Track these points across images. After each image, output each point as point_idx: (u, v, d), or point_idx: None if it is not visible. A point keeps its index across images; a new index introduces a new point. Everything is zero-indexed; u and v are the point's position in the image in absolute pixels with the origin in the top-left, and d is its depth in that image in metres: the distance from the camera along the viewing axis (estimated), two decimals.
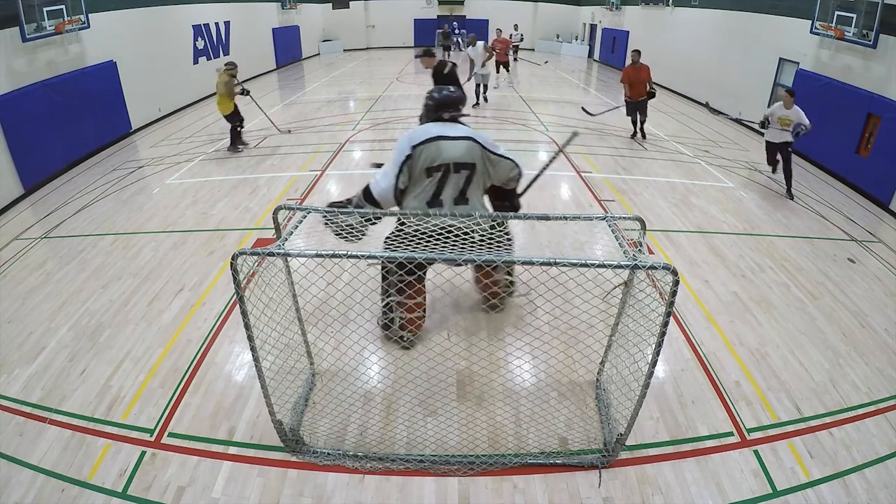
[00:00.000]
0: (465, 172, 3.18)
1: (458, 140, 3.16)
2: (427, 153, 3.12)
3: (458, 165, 3.16)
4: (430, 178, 3.15)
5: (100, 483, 2.64)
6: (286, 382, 2.79)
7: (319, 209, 2.66)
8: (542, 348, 3.18)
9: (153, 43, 9.96)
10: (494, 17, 22.11)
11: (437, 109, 3.30)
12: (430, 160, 3.12)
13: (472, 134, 3.24)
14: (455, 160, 3.14)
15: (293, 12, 17.72)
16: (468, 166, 3.18)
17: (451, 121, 3.30)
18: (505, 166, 3.30)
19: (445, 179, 3.17)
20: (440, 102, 3.30)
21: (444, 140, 3.14)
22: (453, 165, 3.15)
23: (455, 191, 3.20)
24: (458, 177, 3.18)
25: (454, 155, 3.14)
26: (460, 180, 3.19)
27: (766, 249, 5.17)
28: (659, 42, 14.69)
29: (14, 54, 6.64)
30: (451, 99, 3.31)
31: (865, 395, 3.33)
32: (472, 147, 3.18)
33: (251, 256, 2.17)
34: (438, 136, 3.14)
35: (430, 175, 3.15)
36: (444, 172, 3.15)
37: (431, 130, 3.18)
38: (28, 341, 3.75)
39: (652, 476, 2.71)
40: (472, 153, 3.18)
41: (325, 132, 8.75)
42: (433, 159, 3.12)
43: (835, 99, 7.67)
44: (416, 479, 2.66)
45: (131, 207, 6.09)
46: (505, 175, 3.33)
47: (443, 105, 3.30)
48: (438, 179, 3.16)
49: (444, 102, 3.30)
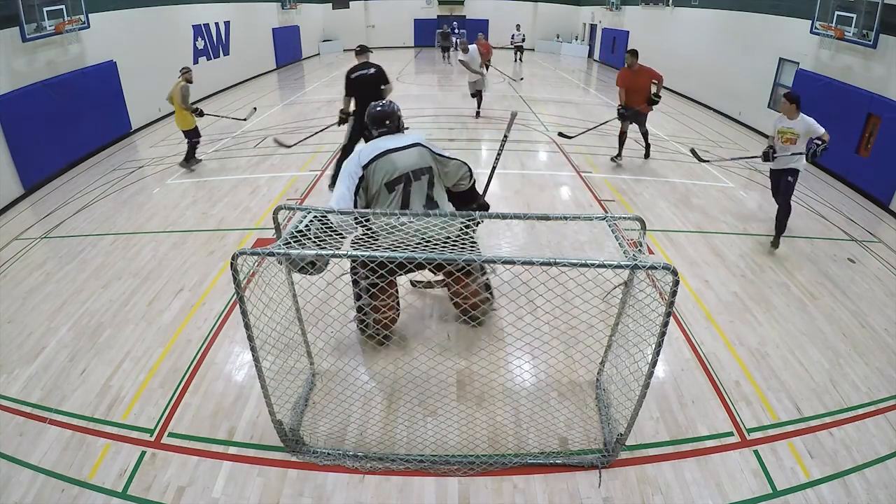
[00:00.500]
0: (425, 178, 3.21)
1: (408, 148, 3.18)
2: (381, 169, 3.10)
3: (417, 172, 3.18)
4: (392, 192, 3.13)
5: (100, 483, 2.64)
6: (286, 382, 2.79)
7: (320, 209, 2.66)
8: (542, 348, 3.19)
9: (153, 43, 9.96)
10: (494, 17, 22.15)
11: (374, 125, 3.32)
12: (387, 175, 3.10)
13: (418, 139, 3.28)
14: (411, 168, 3.16)
15: (293, 12, 17.73)
16: (425, 170, 3.21)
17: (395, 131, 3.32)
18: (453, 166, 3.35)
19: (409, 189, 3.16)
20: (373, 118, 3.32)
21: (394, 152, 3.14)
22: (412, 174, 3.16)
23: (422, 197, 3.22)
24: (420, 183, 3.20)
25: (408, 164, 3.15)
26: (423, 186, 3.21)
27: (766, 249, 5.17)
28: (659, 42, 14.69)
29: (14, 54, 6.64)
30: (384, 112, 3.31)
31: (865, 395, 3.33)
32: (422, 152, 3.23)
33: (251, 256, 2.17)
34: (387, 150, 3.14)
35: (392, 189, 3.13)
36: (405, 183, 3.15)
37: (379, 146, 3.18)
38: (28, 341, 3.75)
39: (652, 476, 2.71)
40: (424, 157, 3.23)
41: (325, 132, 8.75)
42: (390, 173, 3.10)
43: (835, 99, 7.67)
44: (416, 479, 2.66)
45: (131, 207, 6.09)
46: (455, 175, 3.38)
47: (376, 120, 3.31)
48: (402, 191, 3.15)
49: (377, 117, 3.31)
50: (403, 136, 3.31)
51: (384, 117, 3.31)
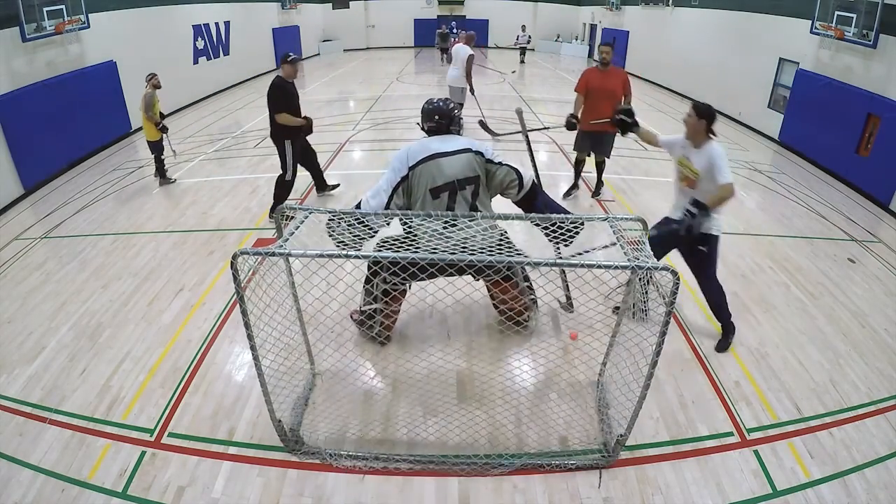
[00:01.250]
0: (470, 187, 3.09)
1: (457, 154, 3.05)
2: (426, 173, 3.01)
3: (463, 182, 3.06)
4: (437, 198, 3.05)
5: (100, 483, 2.64)
6: (286, 382, 2.79)
7: (320, 210, 2.66)
8: (542, 346, 3.19)
9: (153, 43, 9.96)
10: (494, 17, 22.16)
11: (424, 119, 3.19)
12: (431, 181, 3.01)
13: (471, 144, 3.14)
14: (458, 177, 3.04)
15: (293, 12, 17.73)
16: (472, 180, 3.09)
17: (445, 131, 3.17)
18: (501, 173, 3.16)
19: (454, 198, 3.07)
20: (425, 112, 3.18)
21: (443, 157, 3.03)
22: (458, 182, 3.05)
23: (466, 207, 3.10)
24: (465, 193, 3.09)
25: (455, 172, 3.03)
26: (467, 196, 3.10)
27: (766, 249, 5.17)
28: (659, 42, 14.70)
29: (14, 54, 6.64)
30: (437, 109, 3.16)
31: (865, 395, 3.33)
32: (471, 159, 3.07)
33: (251, 256, 2.17)
34: (436, 154, 3.03)
35: (436, 196, 3.05)
36: (450, 192, 3.05)
37: (429, 147, 3.06)
38: (28, 341, 3.75)
39: (652, 476, 2.71)
40: (472, 165, 3.08)
41: (325, 132, 8.75)
42: (434, 179, 3.01)
43: (835, 99, 7.68)
44: (416, 479, 2.66)
45: (131, 207, 6.09)
46: (501, 184, 3.20)
47: (427, 115, 3.17)
48: (447, 199, 3.06)
49: (428, 112, 3.17)
50: (455, 139, 3.14)
51: (435, 113, 3.14)
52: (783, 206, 6.40)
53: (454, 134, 3.20)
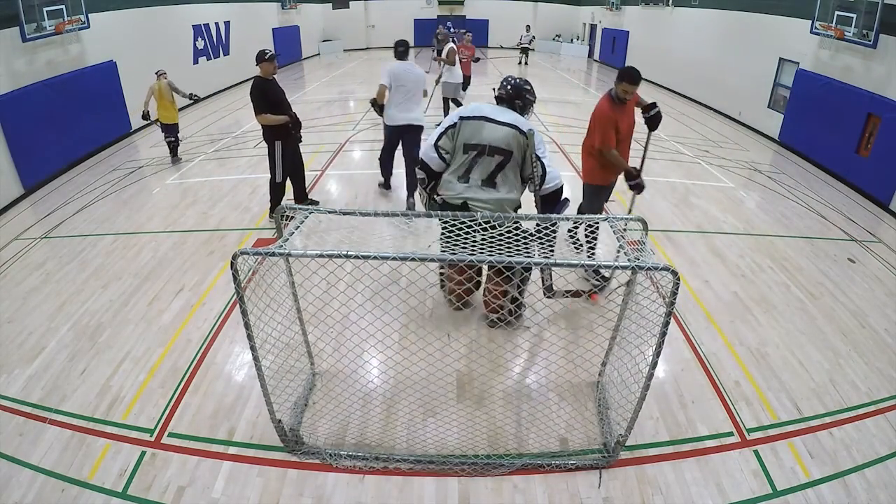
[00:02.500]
0: (498, 158, 3.25)
1: (502, 126, 3.23)
2: (469, 129, 3.27)
3: (493, 149, 3.24)
4: (465, 154, 3.29)
5: (100, 483, 2.64)
6: (286, 382, 2.79)
7: (320, 210, 2.66)
8: (542, 346, 3.18)
9: (153, 43, 9.96)
10: (494, 17, 22.15)
11: (501, 86, 3.43)
12: (469, 136, 3.26)
13: (523, 125, 3.26)
14: (491, 143, 3.24)
15: (293, 12, 17.72)
16: (503, 153, 3.24)
17: (509, 103, 3.38)
18: (531, 162, 3.26)
19: (477, 160, 3.28)
20: (505, 82, 3.43)
21: (489, 122, 3.25)
22: (488, 148, 3.24)
23: (484, 173, 3.29)
24: (491, 160, 3.26)
25: (491, 138, 3.23)
26: (491, 164, 3.27)
27: (766, 249, 5.17)
28: (659, 42, 14.70)
29: (14, 54, 6.64)
30: (517, 85, 3.40)
31: (865, 395, 3.33)
32: (513, 136, 3.23)
33: (251, 256, 2.17)
34: (484, 117, 3.26)
35: (465, 152, 3.29)
36: (478, 153, 3.26)
37: (483, 109, 3.31)
38: (28, 341, 3.75)
39: (652, 476, 2.71)
40: (511, 142, 3.23)
41: (325, 132, 8.75)
42: (471, 136, 3.26)
43: (835, 99, 7.68)
44: (416, 479, 2.66)
45: (131, 207, 6.09)
46: (527, 170, 3.31)
47: (505, 85, 3.42)
48: (472, 158, 3.28)
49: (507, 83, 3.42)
50: (510, 113, 3.32)
51: (509, 84, 3.40)
52: (783, 206, 6.40)
53: (515, 111, 3.37)
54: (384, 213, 2.70)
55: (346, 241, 4.12)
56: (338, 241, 3.08)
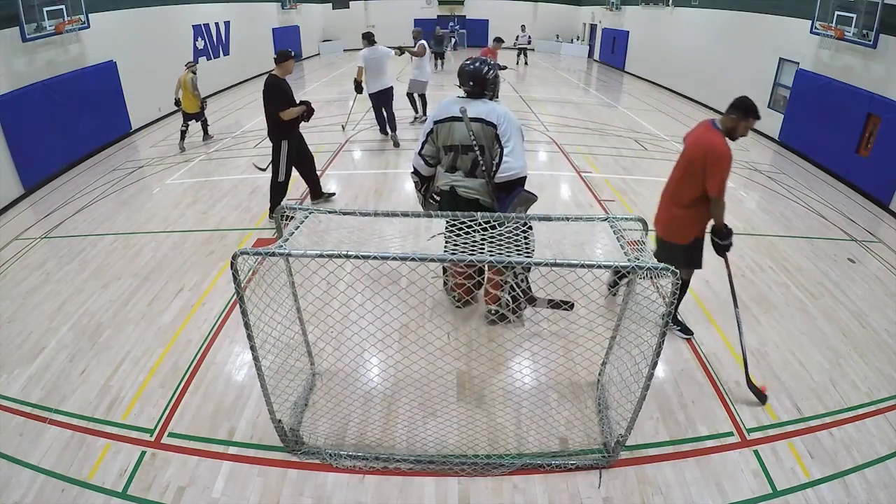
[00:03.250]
0: (472, 154, 3.34)
1: (472, 122, 3.29)
2: (442, 132, 3.40)
3: (465, 148, 3.35)
4: (447, 154, 3.47)
5: (100, 483, 2.64)
6: (286, 382, 2.79)
7: (321, 210, 2.66)
8: (542, 345, 3.18)
9: (153, 43, 9.96)
10: (494, 17, 22.15)
11: (460, 80, 3.45)
12: (444, 139, 3.41)
13: (489, 114, 3.28)
14: (462, 143, 3.34)
15: (293, 12, 17.73)
16: (474, 148, 3.31)
17: (478, 95, 3.39)
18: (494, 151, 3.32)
19: (458, 157, 3.43)
20: (459, 73, 3.44)
21: (456, 122, 3.34)
22: (461, 147, 3.37)
23: (465, 167, 3.42)
24: (466, 157, 3.39)
25: (461, 138, 3.34)
26: (468, 160, 3.39)
27: (766, 249, 5.17)
28: (659, 42, 14.71)
29: (14, 54, 6.64)
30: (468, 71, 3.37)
31: (865, 395, 3.33)
32: (481, 129, 3.29)
33: (251, 256, 2.17)
34: (452, 117, 3.35)
35: (446, 153, 3.47)
36: (454, 153, 3.42)
37: (451, 109, 3.37)
38: (28, 341, 3.75)
39: (652, 476, 2.71)
40: (480, 135, 3.30)
41: (325, 132, 8.75)
42: (446, 139, 3.40)
43: (835, 99, 7.68)
44: (416, 479, 2.66)
45: (131, 207, 6.09)
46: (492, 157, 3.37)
47: (461, 76, 3.42)
48: (452, 157, 3.44)
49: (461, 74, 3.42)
50: (478, 105, 3.33)
51: (469, 78, 3.38)
52: (783, 206, 6.40)
53: (485, 98, 3.41)
54: (384, 213, 2.70)
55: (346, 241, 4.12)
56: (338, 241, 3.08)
